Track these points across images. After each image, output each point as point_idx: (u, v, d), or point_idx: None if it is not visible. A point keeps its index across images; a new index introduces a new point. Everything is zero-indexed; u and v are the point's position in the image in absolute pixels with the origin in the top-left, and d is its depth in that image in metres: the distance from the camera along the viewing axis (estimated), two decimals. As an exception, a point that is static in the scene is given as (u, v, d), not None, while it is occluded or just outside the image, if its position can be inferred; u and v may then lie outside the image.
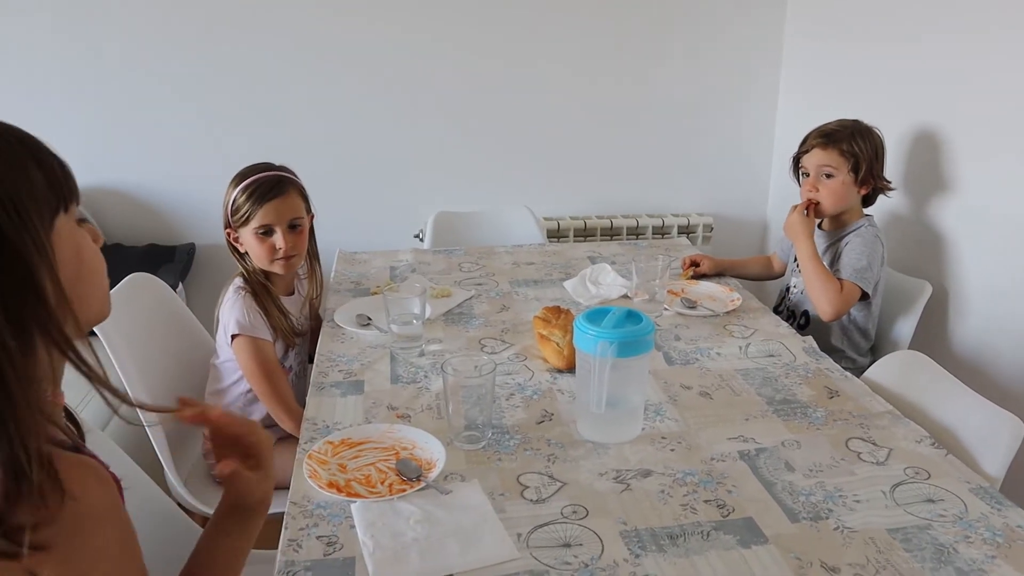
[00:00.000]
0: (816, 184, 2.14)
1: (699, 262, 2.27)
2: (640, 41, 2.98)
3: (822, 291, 2.01)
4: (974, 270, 2.15)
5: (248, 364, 1.84)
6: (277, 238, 1.86)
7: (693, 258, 2.28)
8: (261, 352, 1.84)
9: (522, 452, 1.40)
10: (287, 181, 1.89)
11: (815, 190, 2.14)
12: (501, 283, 2.22)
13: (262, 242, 1.86)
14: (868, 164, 2.10)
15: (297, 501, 1.26)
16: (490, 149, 3.03)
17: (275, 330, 1.89)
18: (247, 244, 1.88)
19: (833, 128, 2.13)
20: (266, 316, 1.88)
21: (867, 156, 2.09)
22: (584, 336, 1.39)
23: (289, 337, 1.94)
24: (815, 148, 2.13)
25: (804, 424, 1.50)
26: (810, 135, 2.17)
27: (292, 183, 1.91)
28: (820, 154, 2.12)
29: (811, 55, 2.89)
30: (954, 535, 1.18)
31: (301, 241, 1.92)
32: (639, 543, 1.17)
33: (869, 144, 2.10)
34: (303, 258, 1.97)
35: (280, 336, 1.91)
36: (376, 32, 2.83)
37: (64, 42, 2.66)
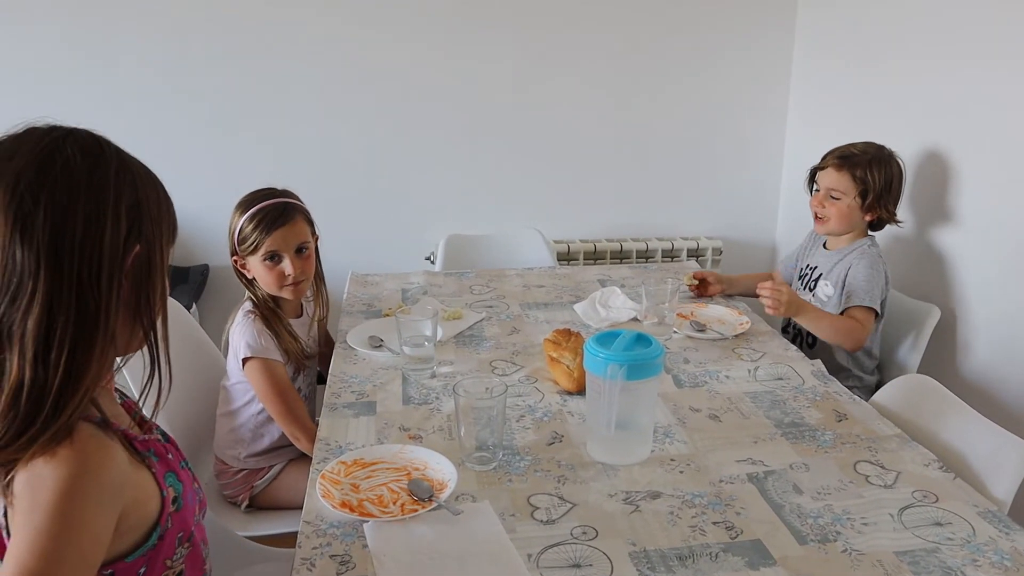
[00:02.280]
0: (823, 202, 2.17)
1: (706, 279, 2.28)
2: (650, 64, 3.01)
3: (844, 335, 2.03)
4: (982, 294, 2.16)
5: (262, 386, 1.85)
6: (286, 265, 1.87)
7: (699, 275, 2.29)
8: (273, 373, 1.86)
9: (532, 473, 1.41)
10: (292, 207, 1.90)
11: (822, 206, 2.18)
12: (512, 306, 2.24)
13: (270, 269, 1.87)
14: (876, 194, 2.12)
15: (310, 520, 1.28)
16: (501, 172, 3.06)
17: (286, 353, 1.91)
18: (255, 271, 1.89)
19: (853, 152, 2.16)
20: (277, 339, 1.89)
21: (877, 187, 2.12)
22: (594, 359, 1.41)
23: (300, 360, 1.95)
24: (830, 168, 2.17)
25: (812, 447, 1.51)
26: (831, 153, 2.20)
27: (297, 208, 1.91)
28: (833, 175, 2.15)
29: (820, 78, 2.92)
30: (962, 559, 1.19)
31: (309, 265, 1.94)
32: (648, 564, 1.18)
33: (883, 175, 2.13)
34: (311, 281, 1.98)
35: (291, 359, 1.92)
36: (389, 55, 2.86)
37: (78, 60, 2.71)
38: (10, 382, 0.85)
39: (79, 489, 0.86)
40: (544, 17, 2.90)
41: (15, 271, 0.85)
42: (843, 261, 2.17)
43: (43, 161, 0.87)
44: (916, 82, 2.37)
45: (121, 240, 0.90)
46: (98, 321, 0.88)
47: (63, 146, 0.89)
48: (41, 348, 0.85)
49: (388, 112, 2.93)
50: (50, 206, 0.85)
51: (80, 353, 0.87)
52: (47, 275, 0.85)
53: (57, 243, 0.86)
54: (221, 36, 2.77)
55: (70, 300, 0.86)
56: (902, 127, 2.40)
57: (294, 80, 2.85)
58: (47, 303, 0.85)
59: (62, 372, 0.86)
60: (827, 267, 2.21)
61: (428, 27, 2.86)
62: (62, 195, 0.86)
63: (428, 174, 3.02)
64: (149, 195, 0.95)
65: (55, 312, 0.86)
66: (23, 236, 0.85)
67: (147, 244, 0.93)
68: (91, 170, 0.89)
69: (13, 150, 0.88)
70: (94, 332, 0.88)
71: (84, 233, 0.87)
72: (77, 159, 0.88)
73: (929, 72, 2.31)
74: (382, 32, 2.85)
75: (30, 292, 0.85)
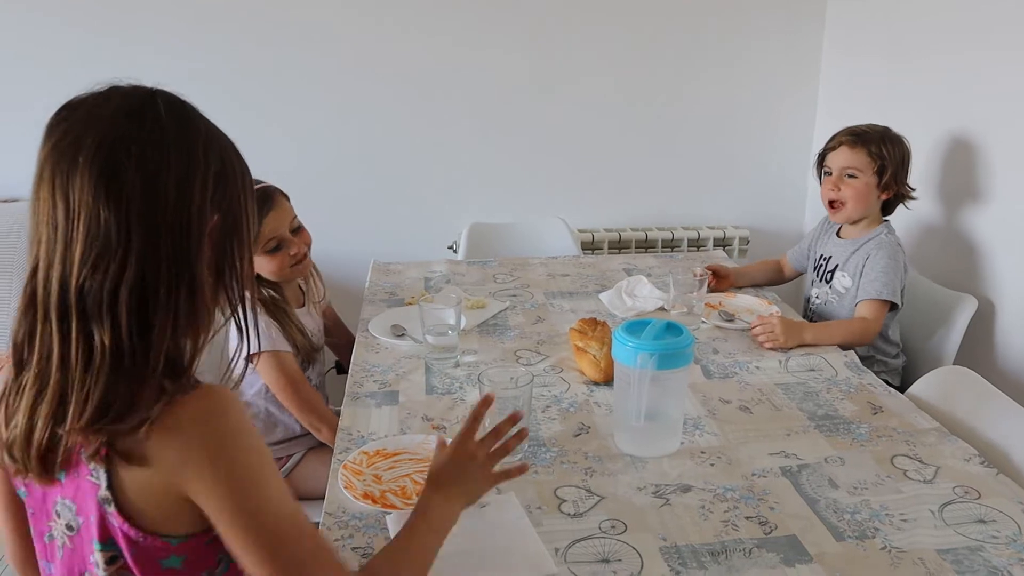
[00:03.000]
0: (838, 184, 2.09)
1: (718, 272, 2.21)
2: (676, 52, 2.95)
3: (855, 337, 1.94)
4: (1018, 282, 2.10)
5: (276, 380, 1.82)
6: (288, 246, 1.85)
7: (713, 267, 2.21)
8: (285, 365, 1.83)
9: (559, 465, 1.38)
10: (271, 191, 1.87)
11: (837, 189, 2.10)
12: (536, 295, 2.20)
13: (274, 257, 1.84)
14: (894, 169, 2.05)
15: (332, 512, 1.26)
16: (524, 160, 3.02)
17: (295, 347, 1.87)
18: (259, 266, 1.85)
19: (863, 129, 2.09)
20: (283, 330, 1.86)
21: (894, 161, 2.05)
22: (624, 348, 1.37)
23: (308, 352, 1.93)
24: (843, 146, 2.09)
25: (847, 440, 1.46)
26: (839, 133, 2.13)
27: (276, 190, 1.88)
28: (847, 153, 2.08)
29: (850, 68, 2.85)
30: (1008, 557, 1.14)
31: (307, 238, 1.92)
32: (680, 560, 1.14)
33: (897, 150, 2.06)
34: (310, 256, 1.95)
35: (300, 353, 1.89)
36: (411, 44, 2.83)
37: (89, 65, 2.70)
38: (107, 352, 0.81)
39: (244, 422, 0.87)
40: (570, 6, 2.85)
41: (99, 233, 0.80)
42: (860, 251, 2.10)
43: (134, 115, 0.83)
44: (947, 71, 2.30)
45: (208, 205, 0.86)
46: (196, 284, 0.85)
47: (150, 104, 0.85)
48: (135, 314, 0.82)
49: (411, 102, 2.89)
50: (142, 164, 0.81)
51: (186, 317, 0.85)
52: (141, 238, 0.81)
53: (150, 205, 0.81)
54: (242, 25, 2.75)
55: (168, 265, 0.83)
56: (932, 113, 2.34)
57: (316, 71, 2.82)
58: (142, 268, 0.81)
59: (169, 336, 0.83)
60: (843, 257, 2.14)
61: (451, 17, 2.82)
62: (153, 153, 0.82)
63: (451, 162, 2.99)
64: (234, 161, 0.91)
65: (154, 277, 0.82)
66: (110, 195, 0.80)
67: (230, 212, 0.89)
68: (181, 130, 0.85)
69: (95, 108, 0.84)
70: (195, 295, 0.86)
71: (176, 197, 0.83)
72: (165, 118, 0.84)
73: (960, 61, 2.24)
74: (404, 23, 2.81)
75: (121, 257, 0.80)
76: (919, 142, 2.12)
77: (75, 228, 0.80)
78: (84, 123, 0.82)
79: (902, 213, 2.18)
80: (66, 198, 0.81)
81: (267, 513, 0.85)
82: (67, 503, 0.90)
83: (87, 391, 0.81)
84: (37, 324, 0.83)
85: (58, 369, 0.82)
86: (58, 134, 0.83)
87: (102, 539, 0.88)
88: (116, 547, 0.87)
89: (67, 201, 0.80)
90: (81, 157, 0.80)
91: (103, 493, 0.85)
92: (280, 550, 0.85)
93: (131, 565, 0.88)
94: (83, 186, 0.80)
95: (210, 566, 0.92)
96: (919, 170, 2.30)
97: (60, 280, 0.81)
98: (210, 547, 0.90)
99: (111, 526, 0.86)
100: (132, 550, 0.87)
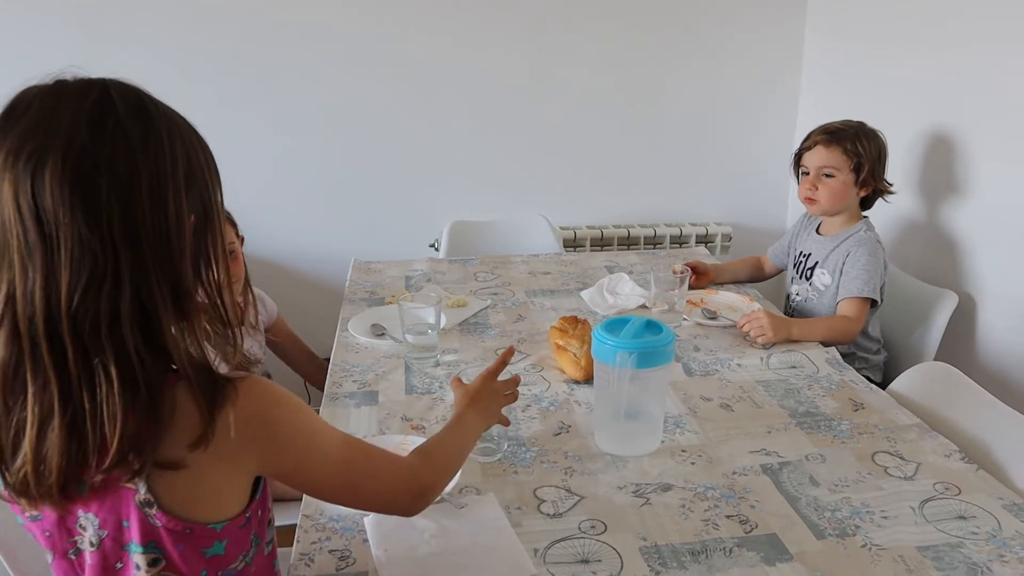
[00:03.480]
0: (815, 183, 2.09)
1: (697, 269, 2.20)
2: (658, 49, 2.95)
3: (837, 335, 1.93)
4: (999, 278, 2.10)
5: None
6: None
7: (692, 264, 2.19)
8: None
9: (539, 465, 1.37)
10: None
11: (814, 188, 2.09)
12: (517, 293, 2.19)
13: None
14: (870, 166, 2.05)
15: (309, 515, 1.24)
16: (506, 158, 3.01)
17: None
18: None
19: (838, 127, 2.09)
20: None
21: (870, 158, 2.05)
22: (603, 346, 1.36)
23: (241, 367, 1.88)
24: (818, 145, 2.08)
25: (828, 437, 1.46)
26: (814, 132, 2.12)
27: None
28: (823, 152, 2.07)
29: (831, 61, 2.86)
30: (988, 553, 1.14)
31: (238, 267, 1.84)
32: (660, 560, 1.13)
33: (873, 146, 2.06)
34: (242, 284, 1.87)
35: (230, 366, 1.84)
36: (393, 39, 2.81)
37: (61, 48, 2.67)
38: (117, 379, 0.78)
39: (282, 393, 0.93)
40: (550, 4, 2.84)
41: (84, 253, 0.76)
42: (840, 248, 2.09)
43: (95, 120, 0.77)
44: (929, 64, 2.30)
45: (184, 208, 0.83)
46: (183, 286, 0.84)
47: (108, 105, 0.79)
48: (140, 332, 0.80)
49: (391, 98, 2.87)
50: (113, 175, 0.77)
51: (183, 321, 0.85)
52: (127, 251, 0.78)
53: (129, 215, 0.78)
54: (221, 17, 2.72)
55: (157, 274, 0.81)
56: (915, 110, 2.34)
57: (296, 66, 2.79)
58: (135, 282, 0.79)
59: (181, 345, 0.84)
60: (822, 254, 2.14)
61: (432, 14, 2.80)
62: (122, 161, 0.78)
63: (433, 160, 2.97)
64: (198, 152, 0.87)
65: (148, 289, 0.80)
66: (87, 212, 0.75)
67: (203, 209, 0.87)
68: (144, 133, 0.80)
69: (49, 112, 0.77)
70: (183, 297, 0.84)
71: (151, 203, 0.79)
72: (128, 121, 0.79)
73: (942, 54, 2.25)
74: (385, 19, 2.79)
75: (112, 274, 0.77)
76: (900, 137, 2.12)
77: (56, 252, 0.76)
78: (42, 131, 0.76)
79: (882, 208, 2.18)
80: (37, 219, 0.75)
81: (324, 457, 0.97)
82: (91, 517, 0.87)
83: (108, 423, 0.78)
84: (25, 354, 0.78)
85: (60, 405, 0.78)
86: (12, 142, 0.76)
87: (143, 542, 0.86)
88: (158, 549, 0.87)
89: (39, 222, 0.75)
90: (47, 173, 0.75)
91: (142, 497, 0.84)
92: (344, 478, 0.99)
93: (177, 562, 0.88)
94: (56, 206, 0.75)
95: (245, 549, 0.94)
96: (899, 165, 2.30)
97: (45, 309, 0.77)
98: (245, 529, 0.93)
99: (153, 528, 0.85)
100: (178, 545, 0.87)
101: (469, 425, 1.24)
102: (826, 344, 1.87)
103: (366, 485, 1.02)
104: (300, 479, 0.98)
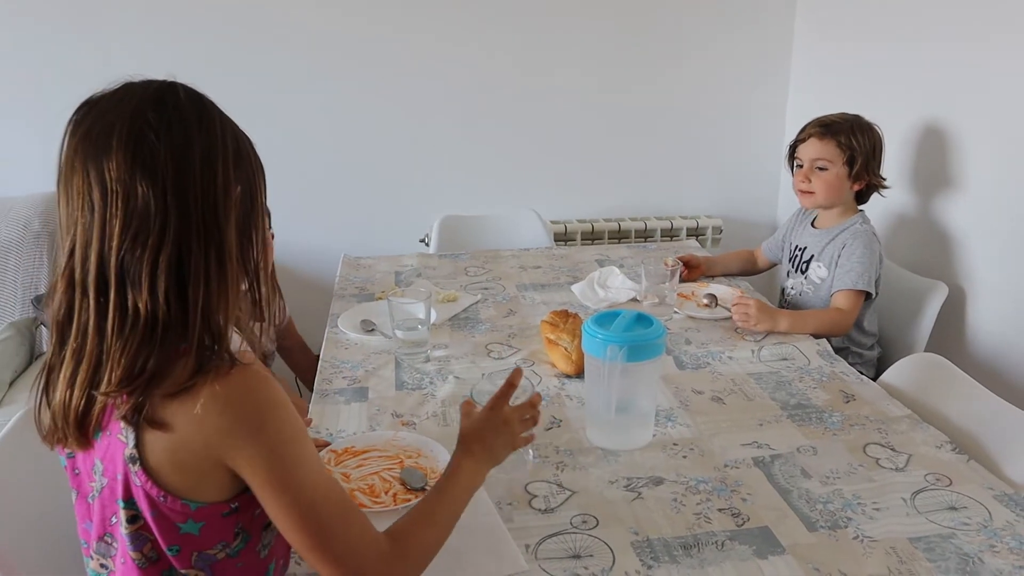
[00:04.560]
0: (809, 175, 2.08)
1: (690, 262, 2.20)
2: (648, 42, 2.94)
3: (828, 327, 1.93)
4: (990, 270, 2.10)
5: None
6: None
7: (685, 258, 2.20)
8: None
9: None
10: None
11: (807, 181, 2.08)
12: (508, 287, 2.18)
13: None
14: (864, 160, 2.04)
15: (299, 512, 1.23)
16: (496, 152, 3.00)
17: None
18: None
19: (833, 119, 2.08)
20: None
21: (864, 151, 2.04)
22: (593, 340, 1.35)
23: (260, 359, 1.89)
24: (812, 138, 2.08)
25: (820, 429, 1.46)
26: (809, 124, 2.11)
27: None
28: (816, 145, 2.06)
29: (821, 53, 2.85)
30: (979, 544, 1.14)
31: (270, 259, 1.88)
32: (651, 554, 1.13)
33: (867, 139, 2.05)
34: None
35: None
36: (383, 34, 2.79)
37: (64, 48, 2.65)
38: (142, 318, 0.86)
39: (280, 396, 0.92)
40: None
41: (137, 208, 0.85)
42: (835, 241, 2.09)
43: (157, 101, 0.89)
44: (918, 56, 2.30)
45: (231, 178, 0.92)
46: (224, 254, 0.91)
47: (172, 90, 0.91)
48: (174, 283, 0.87)
49: (381, 93, 2.85)
50: (170, 142, 0.87)
51: (217, 285, 0.90)
52: (176, 210, 0.87)
53: (181, 179, 0.87)
54: (212, 13, 2.70)
55: (200, 235, 0.88)
56: (904, 101, 2.34)
57: (286, 61, 2.77)
58: (178, 239, 0.87)
59: (202, 305, 0.88)
60: (818, 248, 2.13)
61: (421, 9, 2.78)
62: (179, 132, 0.88)
63: (423, 154, 2.95)
64: (246, 143, 0.97)
65: (188, 247, 0.87)
66: (145, 172, 0.85)
67: (248, 187, 0.95)
68: (200, 112, 0.91)
69: (117, 100, 0.89)
70: (225, 265, 0.91)
71: (201, 171, 0.89)
72: (184, 103, 0.91)
73: (932, 46, 2.24)
74: (374, 16, 2.77)
75: (159, 228, 0.86)
76: (889, 130, 2.11)
77: (114, 205, 0.85)
78: (111, 113, 0.88)
79: (872, 200, 2.17)
80: (102, 181, 0.85)
81: (302, 483, 0.91)
82: (98, 463, 0.94)
83: (122, 355, 0.86)
84: (75, 300, 0.88)
85: (94, 337, 0.87)
86: (85, 126, 0.88)
87: (124, 497, 0.91)
88: (136, 507, 0.91)
89: (103, 183, 0.85)
90: (114, 141, 0.86)
91: (130, 451, 0.89)
92: (312, 516, 0.91)
93: (151, 525, 0.91)
94: (119, 166, 0.85)
95: (226, 539, 0.95)
96: (891, 158, 2.30)
97: (99, 255, 0.86)
98: (228, 519, 0.93)
99: (134, 485, 0.90)
100: (152, 511, 0.90)
101: (464, 482, 1.09)
102: (818, 336, 1.87)
103: (334, 539, 0.92)
104: (270, 495, 0.90)
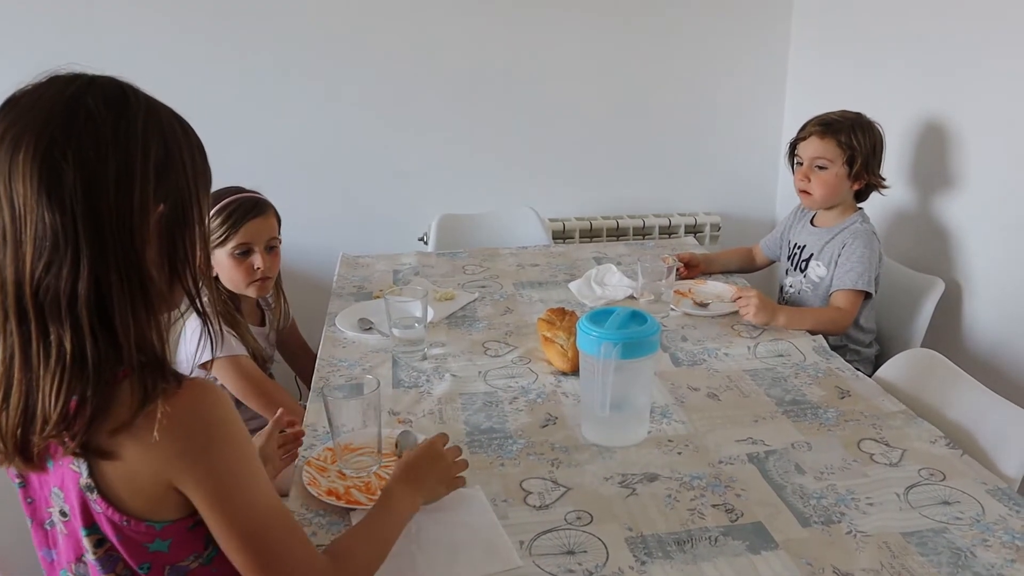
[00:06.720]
0: (808, 174, 2.08)
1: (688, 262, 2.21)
2: (646, 40, 2.94)
3: (827, 325, 1.93)
4: (987, 265, 2.11)
5: (238, 385, 1.80)
6: (256, 258, 1.84)
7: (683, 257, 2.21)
8: (245, 369, 1.81)
9: (525, 457, 1.37)
10: (265, 202, 1.89)
11: (807, 180, 2.08)
12: (505, 285, 2.19)
13: (239, 264, 1.83)
14: (864, 159, 2.04)
15: (296, 509, 1.24)
16: (494, 150, 3.00)
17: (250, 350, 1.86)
18: (220, 266, 1.83)
19: (834, 118, 2.07)
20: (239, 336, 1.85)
21: (864, 151, 2.03)
22: (587, 337, 1.36)
23: (262, 363, 1.91)
24: (812, 136, 2.07)
25: (815, 425, 1.46)
26: (810, 122, 2.11)
27: (270, 205, 1.90)
28: (817, 143, 2.06)
29: (819, 50, 2.85)
30: (971, 538, 1.14)
31: (276, 263, 1.90)
32: (645, 550, 1.14)
33: (868, 139, 2.05)
34: (274, 282, 1.95)
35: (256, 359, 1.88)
36: (378, 32, 2.79)
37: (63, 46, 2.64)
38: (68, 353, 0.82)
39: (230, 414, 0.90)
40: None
41: (46, 234, 0.81)
42: (835, 240, 2.09)
43: (66, 114, 0.82)
44: (916, 52, 2.30)
45: (150, 198, 0.85)
46: (147, 279, 0.86)
47: (86, 97, 0.84)
48: (96, 314, 0.83)
49: (379, 91, 2.86)
50: (80, 162, 0.81)
51: (145, 312, 0.86)
52: (88, 238, 0.81)
53: (92, 204, 0.81)
54: (210, 12, 2.70)
55: (118, 263, 0.83)
56: (902, 97, 2.34)
57: (284, 60, 2.78)
58: (94, 268, 0.82)
59: (134, 334, 0.84)
60: (817, 246, 2.13)
61: (421, 7, 2.79)
62: (90, 149, 0.82)
63: (421, 153, 2.96)
64: (180, 146, 0.90)
65: (106, 278, 0.83)
66: (52, 198, 0.80)
67: (177, 201, 0.89)
68: (116, 123, 0.84)
69: (33, 102, 0.84)
70: (147, 288, 0.86)
71: (116, 193, 0.83)
72: (101, 111, 0.83)
73: (929, 42, 2.25)
74: (375, 13, 2.77)
75: (72, 259, 0.81)
76: (887, 126, 2.11)
77: (22, 230, 0.81)
78: (22, 120, 0.82)
79: (871, 196, 2.18)
80: (10, 200, 0.81)
81: (247, 505, 0.90)
82: (57, 491, 0.92)
83: (52, 391, 0.82)
84: None
85: (21, 370, 0.83)
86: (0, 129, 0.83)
87: (86, 524, 0.90)
88: (100, 531, 0.90)
89: (12, 206, 0.81)
90: (21, 158, 0.80)
91: (84, 481, 0.87)
92: (254, 540, 0.90)
93: (118, 548, 0.91)
94: (25, 189, 0.80)
95: (197, 550, 0.94)
96: (888, 154, 2.30)
97: (15, 281, 0.82)
98: (195, 531, 0.93)
99: (94, 512, 0.89)
100: (118, 535, 0.90)
101: (397, 509, 1.11)
102: (814, 334, 1.87)
103: (276, 561, 0.91)
104: (215, 517, 0.89)
